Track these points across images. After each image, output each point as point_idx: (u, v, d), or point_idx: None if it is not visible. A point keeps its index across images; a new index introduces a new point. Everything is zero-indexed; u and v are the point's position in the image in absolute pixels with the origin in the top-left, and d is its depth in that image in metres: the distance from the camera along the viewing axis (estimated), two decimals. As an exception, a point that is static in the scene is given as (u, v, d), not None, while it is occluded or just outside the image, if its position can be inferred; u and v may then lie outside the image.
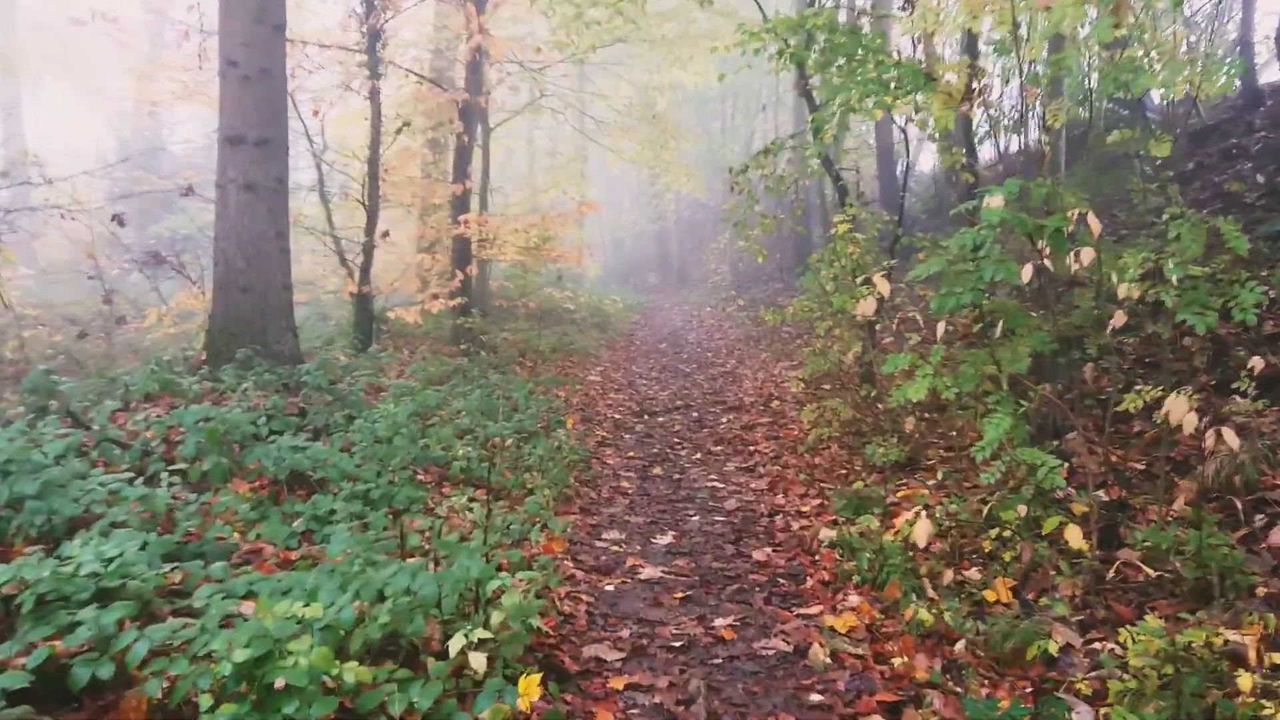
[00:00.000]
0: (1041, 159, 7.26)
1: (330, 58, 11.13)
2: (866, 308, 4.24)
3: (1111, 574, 3.55)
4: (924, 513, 3.46)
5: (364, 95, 10.48)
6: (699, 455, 7.25)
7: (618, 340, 16.78)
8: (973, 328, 4.29)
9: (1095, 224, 3.74)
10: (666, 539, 4.99)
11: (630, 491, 6.06)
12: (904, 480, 6.01)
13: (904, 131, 8.18)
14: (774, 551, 4.77)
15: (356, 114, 15.10)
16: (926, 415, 6.60)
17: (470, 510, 5.09)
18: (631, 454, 7.28)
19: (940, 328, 4.37)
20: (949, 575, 3.68)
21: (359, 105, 12.89)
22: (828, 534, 4.75)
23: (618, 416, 8.99)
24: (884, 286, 4.14)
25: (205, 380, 7.41)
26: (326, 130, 14.78)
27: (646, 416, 9.12)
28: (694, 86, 22.62)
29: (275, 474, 4.96)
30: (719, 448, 7.55)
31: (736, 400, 9.84)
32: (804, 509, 5.54)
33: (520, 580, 3.85)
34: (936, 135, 7.19)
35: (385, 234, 10.03)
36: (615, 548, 4.84)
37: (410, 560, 3.87)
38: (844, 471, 6.50)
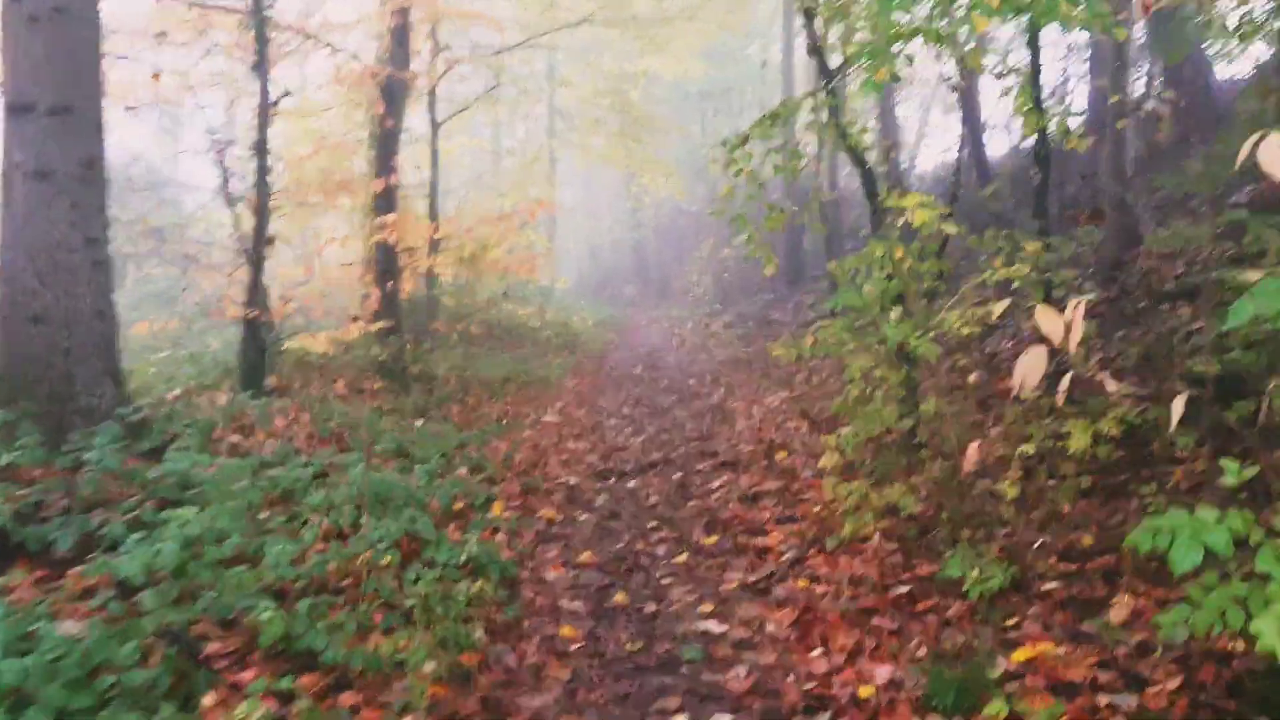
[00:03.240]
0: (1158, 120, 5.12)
1: (211, 22, 8.83)
2: (1034, 370, 2.00)
3: None
4: None
5: (249, 64, 8.19)
6: (684, 557, 4.97)
7: (586, 364, 14.50)
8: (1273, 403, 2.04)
9: None
10: (627, 788, 2.72)
11: (573, 649, 3.77)
12: (1014, 619, 3.78)
13: (958, 90, 5.99)
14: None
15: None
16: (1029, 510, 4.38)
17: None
18: (585, 556, 5.00)
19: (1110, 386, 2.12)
20: None
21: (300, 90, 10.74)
22: (931, 789, 2.51)
23: (573, 481, 6.71)
24: (1078, 329, 1.91)
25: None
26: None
27: (613, 479, 6.85)
28: (671, 77, 20.47)
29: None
30: (712, 539, 5.28)
31: (730, 451, 7.58)
32: (863, 693, 3.28)
33: None
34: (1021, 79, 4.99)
35: (271, 240, 7.73)
36: (529, 819, 2.56)
37: None
38: (905, 588, 4.26)
